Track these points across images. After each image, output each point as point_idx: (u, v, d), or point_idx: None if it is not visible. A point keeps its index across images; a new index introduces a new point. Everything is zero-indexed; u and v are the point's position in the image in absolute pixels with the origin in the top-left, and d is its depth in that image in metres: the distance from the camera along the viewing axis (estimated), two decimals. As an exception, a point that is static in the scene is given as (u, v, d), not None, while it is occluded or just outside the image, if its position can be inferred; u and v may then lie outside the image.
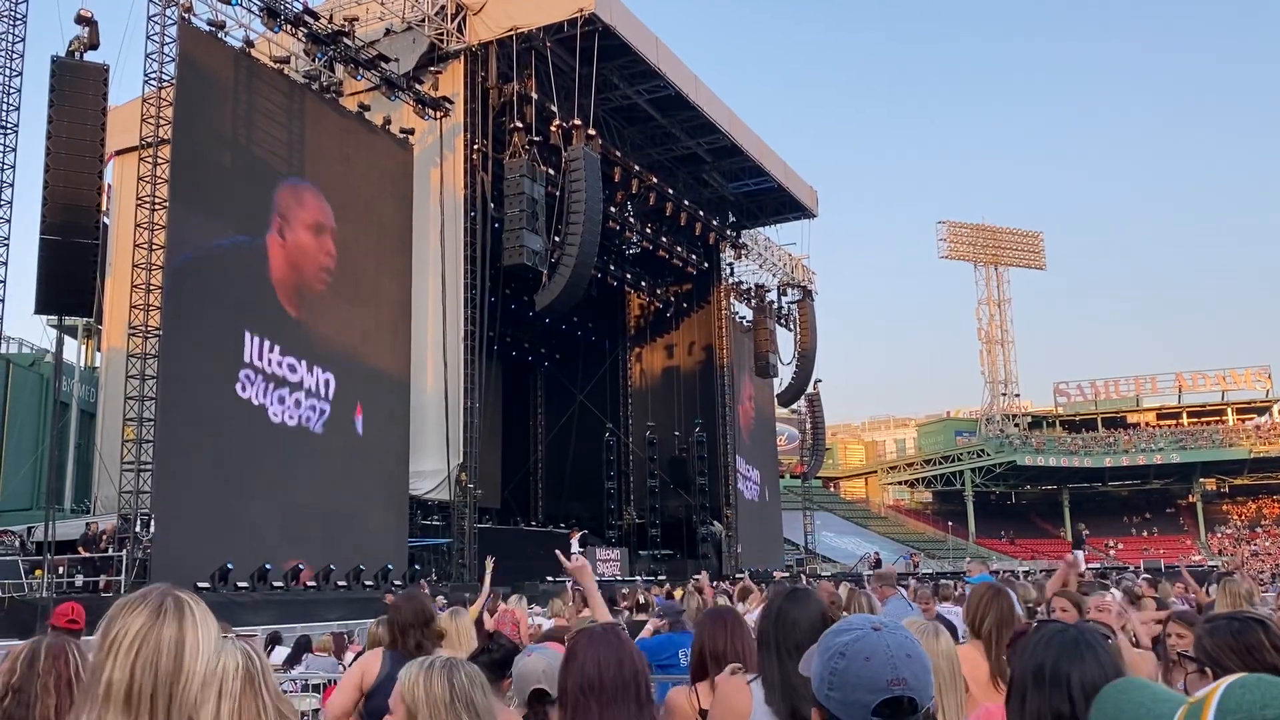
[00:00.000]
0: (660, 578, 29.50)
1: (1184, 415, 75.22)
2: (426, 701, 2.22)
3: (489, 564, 10.09)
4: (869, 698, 1.63)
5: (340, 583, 21.58)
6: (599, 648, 2.74)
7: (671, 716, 3.24)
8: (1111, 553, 62.77)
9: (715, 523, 38.39)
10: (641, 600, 10.72)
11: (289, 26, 23.11)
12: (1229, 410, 74.59)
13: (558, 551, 4.77)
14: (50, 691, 2.42)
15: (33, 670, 2.45)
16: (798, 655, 2.89)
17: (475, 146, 26.66)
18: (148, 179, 19.44)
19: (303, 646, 10.26)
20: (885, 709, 1.62)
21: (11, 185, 20.34)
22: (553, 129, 27.16)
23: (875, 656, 1.65)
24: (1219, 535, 68.98)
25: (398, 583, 21.92)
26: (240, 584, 19.48)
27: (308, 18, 23.34)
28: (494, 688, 4.02)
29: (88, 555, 19.37)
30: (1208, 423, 73.63)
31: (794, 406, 49.81)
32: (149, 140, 19.60)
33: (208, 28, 21.47)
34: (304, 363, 22.52)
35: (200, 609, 2.02)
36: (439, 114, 26.45)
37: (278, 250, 22.32)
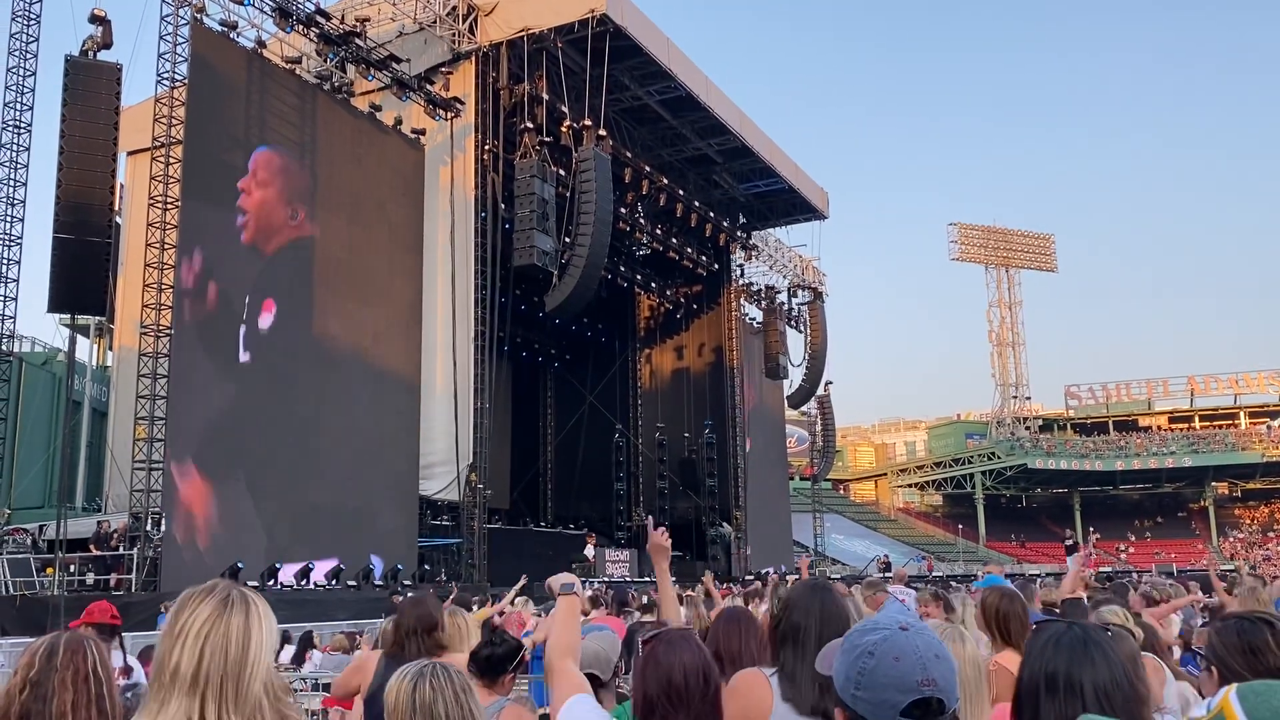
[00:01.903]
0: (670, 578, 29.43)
1: (1196, 418, 74.90)
2: (393, 710, 2.33)
3: (522, 581, 10.23)
4: (898, 698, 1.61)
5: (350, 582, 21.62)
6: (683, 655, 2.60)
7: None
8: (1122, 556, 62.49)
9: (725, 524, 38.35)
10: (646, 601, 10.64)
11: (301, 27, 23.15)
12: (1242, 414, 74.26)
13: (647, 522, 4.51)
14: (67, 686, 2.43)
15: (51, 665, 2.46)
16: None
17: (486, 147, 26.67)
18: (160, 178, 19.49)
19: (305, 643, 10.27)
20: (915, 709, 1.60)
21: (25, 184, 20.44)
22: (563, 129, 27.16)
23: (905, 656, 1.63)
24: (1231, 539, 68.63)
25: (406, 582, 21.95)
26: (250, 583, 19.52)
27: (319, 18, 23.38)
28: (497, 684, 4.01)
29: (99, 553, 19.44)
30: (1220, 426, 73.29)
31: (804, 408, 49.73)
32: (161, 140, 19.66)
33: (220, 28, 21.52)
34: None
35: (263, 605, 2.07)
36: (450, 114, 26.46)
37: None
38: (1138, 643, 4.60)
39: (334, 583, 21.31)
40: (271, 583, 19.84)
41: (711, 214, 37.79)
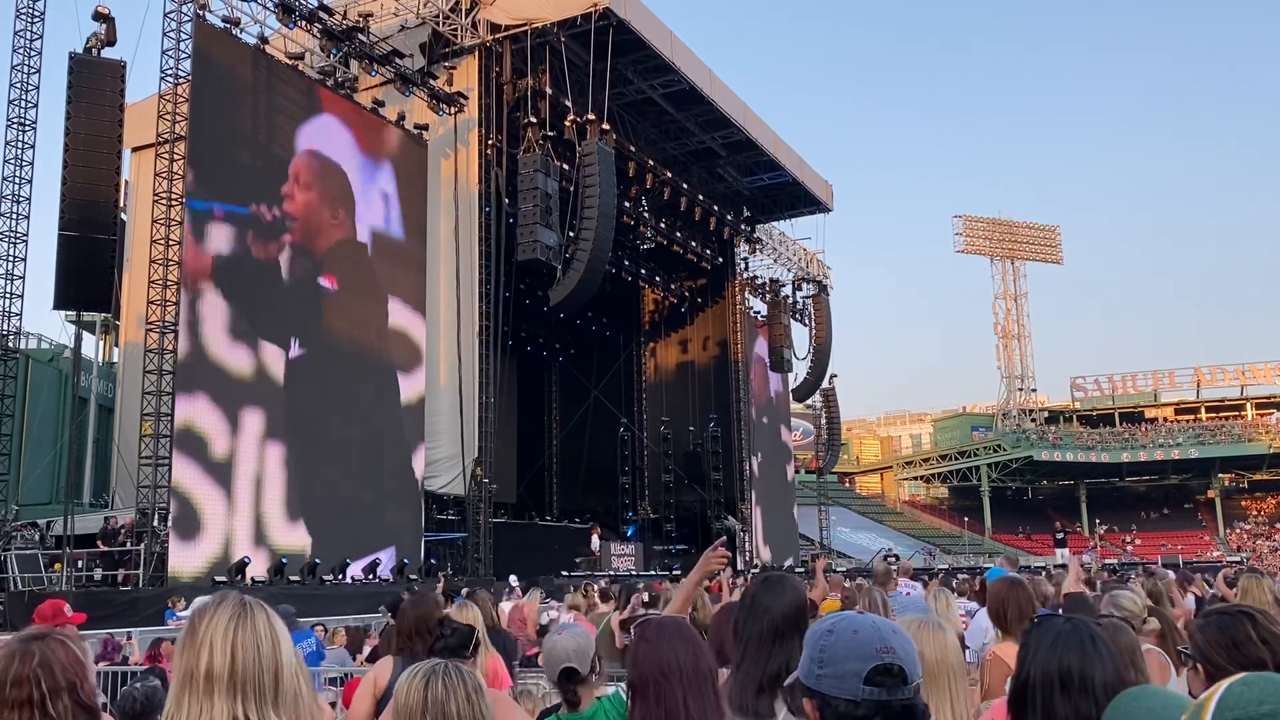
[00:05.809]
0: (675, 571, 29.52)
1: (1202, 410, 74.73)
2: (403, 710, 2.29)
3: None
4: (860, 666, 1.65)
5: (356, 576, 21.70)
6: (673, 636, 2.76)
7: None
8: (1129, 548, 62.48)
9: (730, 517, 38.37)
10: (647, 597, 10.51)
11: (304, 23, 23.16)
12: (1248, 405, 74.08)
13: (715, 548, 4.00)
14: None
15: None
16: (768, 644, 2.89)
17: (489, 141, 26.65)
18: (164, 175, 19.52)
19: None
20: (877, 675, 1.64)
21: (30, 181, 20.48)
22: (567, 124, 27.13)
23: (862, 630, 1.70)
24: (1238, 530, 68.52)
25: (413, 577, 22.00)
26: (256, 578, 19.61)
27: (322, 14, 23.37)
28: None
29: (106, 549, 19.52)
30: (1226, 417, 73.13)
31: (809, 401, 49.71)
32: (166, 137, 19.69)
33: (223, 24, 21.54)
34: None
35: (272, 612, 2.09)
36: (453, 109, 26.45)
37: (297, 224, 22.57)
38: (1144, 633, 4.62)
39: (340, 577, 21.38)
40: (279, 577, 19.93)
41: (715, 207, 37.74)
